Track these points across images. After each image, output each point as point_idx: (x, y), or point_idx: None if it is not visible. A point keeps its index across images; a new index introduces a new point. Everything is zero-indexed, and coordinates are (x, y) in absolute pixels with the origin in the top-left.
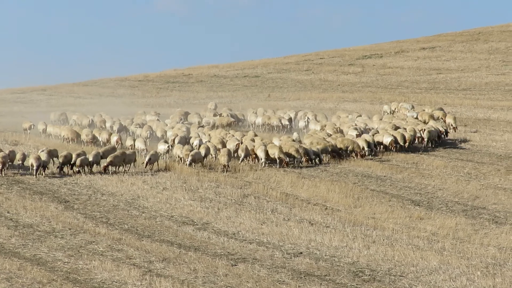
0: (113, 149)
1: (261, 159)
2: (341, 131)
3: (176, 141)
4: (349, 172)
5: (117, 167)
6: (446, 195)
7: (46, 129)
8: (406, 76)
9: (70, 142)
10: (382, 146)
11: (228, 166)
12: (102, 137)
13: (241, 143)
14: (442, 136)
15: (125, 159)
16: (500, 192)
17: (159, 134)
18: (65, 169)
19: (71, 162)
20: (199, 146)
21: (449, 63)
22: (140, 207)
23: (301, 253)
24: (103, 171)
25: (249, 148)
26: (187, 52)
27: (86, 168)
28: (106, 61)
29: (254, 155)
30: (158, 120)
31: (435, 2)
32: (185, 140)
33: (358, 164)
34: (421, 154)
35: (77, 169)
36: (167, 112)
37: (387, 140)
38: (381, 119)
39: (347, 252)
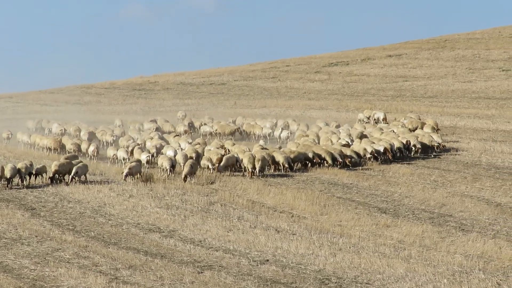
0: (74, 157)
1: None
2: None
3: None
4: (315, 179)
5: (62, 176)
6: (412, 203)
7: (24, 139)
8: (373, 83)
9: (53, 152)
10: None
11: (187, 177)
12: (82, 147)
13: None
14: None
15: (70, 169)
16: (466, 200)
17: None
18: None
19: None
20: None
21: (416, 71)
22: (106, 215)
23: (267, 260)
24: (49, 181)
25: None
26: (153, 59)
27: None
28: (73, 68)
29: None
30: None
31: (401, 9)
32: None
33: (325, 171)
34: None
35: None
36: (134, 119)
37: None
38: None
39: (314, 259)
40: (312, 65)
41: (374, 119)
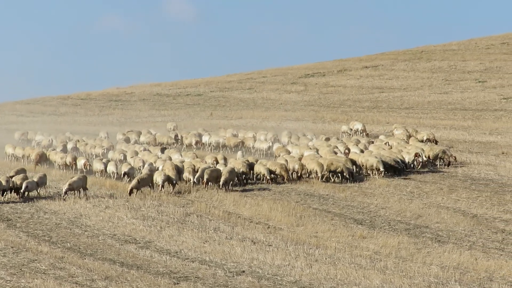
0: (23, 171)
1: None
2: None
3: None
4: (291, 190)
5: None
6: (388, 214)
7: (9, 151)
8: (349, 95)
9: (39, 165)
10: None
11: (133, 191)
12: (67, 160)
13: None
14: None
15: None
16: (443, 211)
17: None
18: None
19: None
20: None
21: (392, 82)
22: (82, 226)
23: (243, 271)
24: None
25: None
26: (129, 70)
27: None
28: (49, 79)
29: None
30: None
31: (378, 20)
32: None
33: (301, 182)
34: (364, 173)
35: None
36: (111, 130)
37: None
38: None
39: (290, 270)
40: (288, 76)
41: (354, 130)
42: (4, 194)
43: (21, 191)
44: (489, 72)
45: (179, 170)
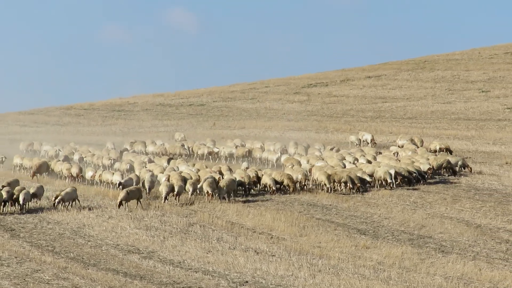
0: (16, 183)
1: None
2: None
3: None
4: (294, 200)
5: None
6: (392, 224)
7: (18, 162)
8: (352, 104)
9: (31, 176)
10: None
11: (122, 203)
12: (72, 171)
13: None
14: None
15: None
16: (446, 221)
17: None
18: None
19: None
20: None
21: (395, 92)
22: (86, 236)
23: (246, 282)
24: None
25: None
26: (132, 80)
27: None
28: (52, 90)
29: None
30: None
31: (380, 30)
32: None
33: (304, 192)
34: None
35: None
36: (113, 140)
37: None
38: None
39: (293, 281)
40: (291, 86)
41: (362, 141)
42: (5, 206)
43: (21, 203)
44: (493, 82)
45: (186, 181)
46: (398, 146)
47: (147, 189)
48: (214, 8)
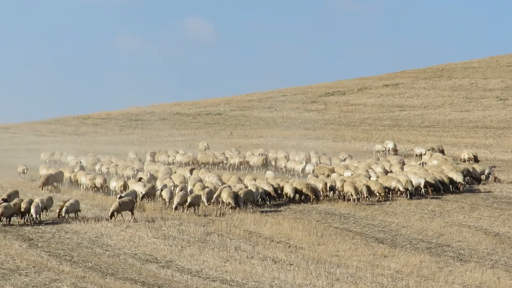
0: (15, 194)
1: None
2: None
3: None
4: (312, 209)
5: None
6: (410, 233)
7: (46, 173)
8: (369, 113)
9: (41, 188)
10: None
11: (114, 214)
12: (97, 181)
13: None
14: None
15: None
16: (464, 230)
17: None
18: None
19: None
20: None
21: (412, 100)
22: (103, 245)
23: None
24: None
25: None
26: (149, 90)
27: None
28: (69, 99)
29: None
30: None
31: (398, 39)
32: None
33: (321, 201)
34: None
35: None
36: (129, 150)
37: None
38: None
39: None
40: (308, 95)
41: (387, 149)
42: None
43: (33, 216)
44: (511, 90)
45: (210, 192)
46: (416, 155)
47: (167, 201)
48: (231, 17)
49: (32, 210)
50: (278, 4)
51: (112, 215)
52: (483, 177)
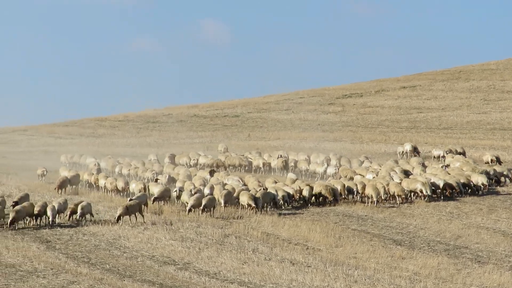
0: (26, 197)
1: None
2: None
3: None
4: (330, 211)
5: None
6: (428, 235)
7: (67, 175)
8: (387, 115)
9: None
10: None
11: (121, 217)
12: (118, 184)
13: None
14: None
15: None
16: (482, 231)
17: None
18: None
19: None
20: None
21: (430, 102)
22: (121, 247)
23: None
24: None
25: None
26: (167, 92)
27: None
28: (86, 101)
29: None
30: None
31: (415, 41)
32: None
33: (339, 203)
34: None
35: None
36: (148, 152)
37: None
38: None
39: None
40: (325, 97)
41: (405, 152)
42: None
43: (50, 220)
44: None
45: (228, 194)
46: (434, 157)
47: (186, 203)
48: (247, 18)
49: (49, 213)
50: (295, 6)
51: (119, 218)
52: (502, 179)
